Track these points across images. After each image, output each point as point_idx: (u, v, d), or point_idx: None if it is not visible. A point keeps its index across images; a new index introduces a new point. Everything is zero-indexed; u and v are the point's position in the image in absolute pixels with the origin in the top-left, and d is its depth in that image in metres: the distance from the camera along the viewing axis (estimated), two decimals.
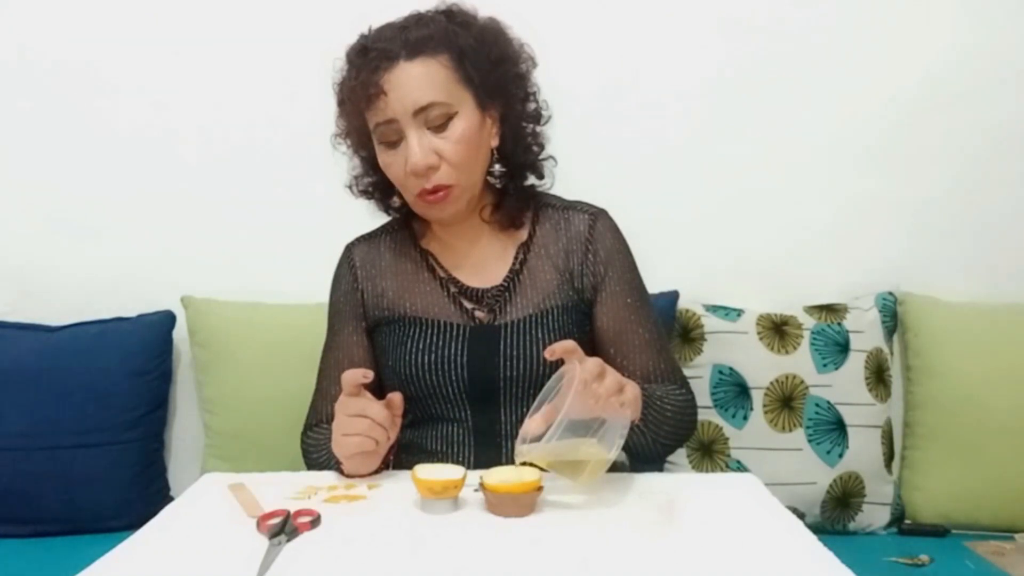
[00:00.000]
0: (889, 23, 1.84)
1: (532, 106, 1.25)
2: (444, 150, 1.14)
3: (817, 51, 1.84)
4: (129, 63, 1.85)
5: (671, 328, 1.80)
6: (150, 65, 1.86)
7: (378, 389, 1.20)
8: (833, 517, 1.72)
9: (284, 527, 0.93)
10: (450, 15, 1.18)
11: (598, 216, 1.27)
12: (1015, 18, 1.83)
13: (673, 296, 1.82)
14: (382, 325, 1.26)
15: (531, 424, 0.96)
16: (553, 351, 0.99)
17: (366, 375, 1.07)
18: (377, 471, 1.13)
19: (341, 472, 1.13)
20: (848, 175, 1.87)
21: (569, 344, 1.00)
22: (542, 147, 1.27)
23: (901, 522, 1.75)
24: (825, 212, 1.88)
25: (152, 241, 1.88)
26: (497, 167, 1.26)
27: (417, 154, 1.12)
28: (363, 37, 1.18)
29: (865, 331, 1.77)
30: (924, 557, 1.57)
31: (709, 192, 1.88)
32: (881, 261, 1.87)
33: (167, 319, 1.84)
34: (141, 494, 1.75)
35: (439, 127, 1.13)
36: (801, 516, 1.53)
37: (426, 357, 1.19)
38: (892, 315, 1.82)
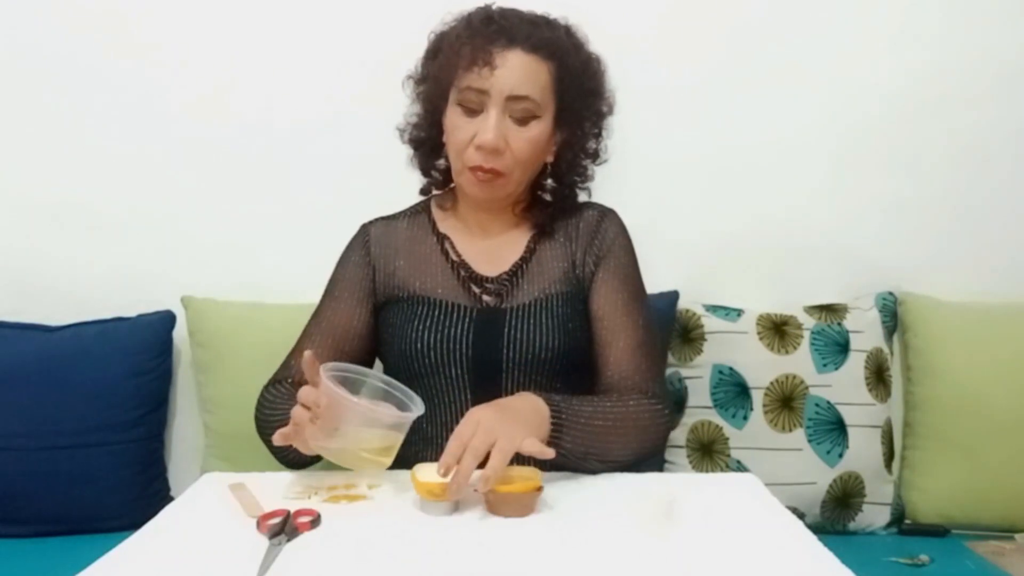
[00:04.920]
0: (892, 21, 1.84)
1: (594, 145, 1.31)
2: (514, 141, 1.19)
3: (818, 50, 1.84)
4: (128, 63, 1.85)
5: (671, 328, 1.80)
6: (150, 66, 1.85)
7: (372, 365, 1.25)
8: (833, 517, 1.71)
9: (284, 527, 0.93)
10: (569, 32, 1.26)
11: (607, 213, 1.34)
12: (1016, 18, 1.83)
13: (673, 296, 1.82)
14: (391, 303, 1.29)
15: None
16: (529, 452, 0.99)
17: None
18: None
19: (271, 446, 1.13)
20: (848, 175, 1.87)
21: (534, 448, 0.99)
22: (584, 181, 1.34)
23: (901, 522, 1.75)
24: (825, 212, 1.88)
25: (152, 241, 1.88)
26: (549, 181, 1.32)
27: (491, 132, 1.17)
28: (488, 8, 1.24)
29: (865, 331, 1.77)
30: (924, 557, 1.57)
31: (709, 192, 1.88)
32: (881, 261, 1.87)
33: (167, 319, 1.84)
34: (141, 494, 1.75)
35: (520, 120, 1.20)
36: (801, 516, 1.53)
37: (432, 336, 1.22)
38: (892, 315, 1.82)
